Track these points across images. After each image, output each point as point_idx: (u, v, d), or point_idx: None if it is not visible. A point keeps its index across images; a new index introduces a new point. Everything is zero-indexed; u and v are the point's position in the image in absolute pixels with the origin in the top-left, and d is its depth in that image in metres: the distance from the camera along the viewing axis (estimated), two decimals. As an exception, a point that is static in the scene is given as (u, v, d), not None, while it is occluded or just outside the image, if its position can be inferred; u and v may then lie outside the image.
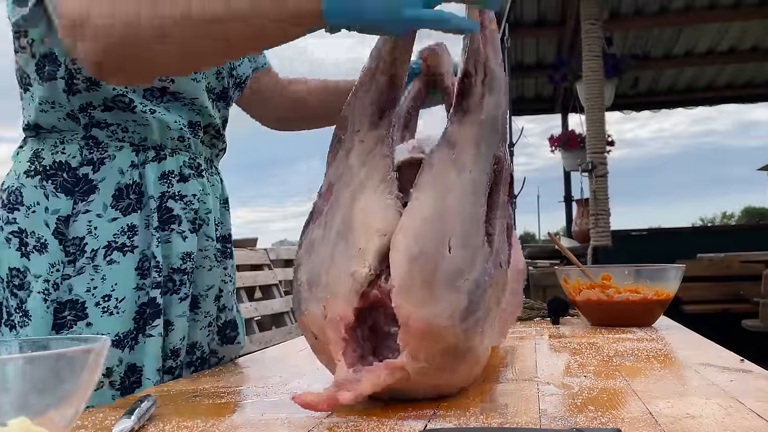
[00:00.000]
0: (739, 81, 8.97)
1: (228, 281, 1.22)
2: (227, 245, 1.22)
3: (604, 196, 5.76)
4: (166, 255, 1.09)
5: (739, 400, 0.72)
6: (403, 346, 0.72)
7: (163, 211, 1.09)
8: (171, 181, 1.11)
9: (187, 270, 1.11)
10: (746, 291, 6.02)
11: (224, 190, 1.25)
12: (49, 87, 1.05)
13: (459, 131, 0.77)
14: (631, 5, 6.92)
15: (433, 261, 0.71)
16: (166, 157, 1.11)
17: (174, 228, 1.10)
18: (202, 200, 1.15)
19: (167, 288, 1.09)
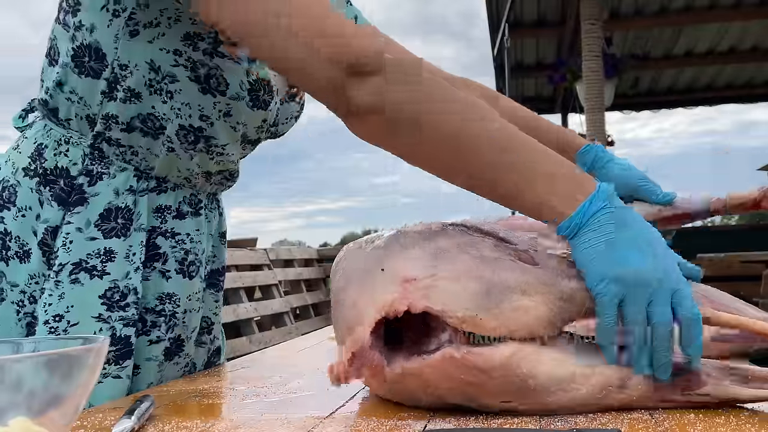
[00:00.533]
0: (739, 81, 8.99)
1: (219, 312, 1.18)
2: (219, 278, 1.16)
3: (604, 196, 5.75)
4: (143, 294, 1.00)
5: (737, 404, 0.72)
6: None
7: (150, 247, 1.01)
8: (165, 216, 1.03)
9: (165, 312, 1.02)
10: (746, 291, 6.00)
11: (222, 224, 1.16)
12: (83, 80, 0.96)
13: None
14: (631, 5, 6.93)
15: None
16: (166, 190, 1.03)
17: (156, 266, 1.01)
18: (197, 240, 1.06)
19: (135, 328, 0.99)
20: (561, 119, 8.85)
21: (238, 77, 0.97)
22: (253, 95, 0.99)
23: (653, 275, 0.68)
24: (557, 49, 7.76)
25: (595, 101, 5.84)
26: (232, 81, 0.97)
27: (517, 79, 8.37)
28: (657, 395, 0.69)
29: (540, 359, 0.68)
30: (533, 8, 7.04)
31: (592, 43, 5.82)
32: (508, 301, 0.68)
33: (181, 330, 1.05)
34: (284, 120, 1.14)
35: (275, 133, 1.16)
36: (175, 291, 1.03)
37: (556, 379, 0.68)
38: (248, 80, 0.98)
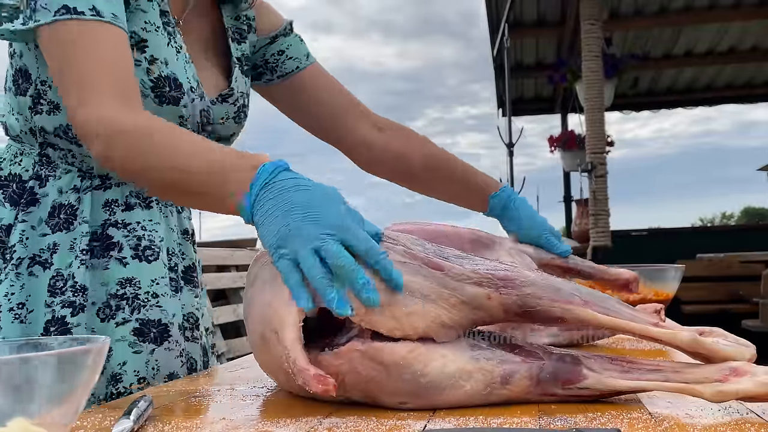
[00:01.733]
0: (738, 81, 8.99)
1: (203, 309, 1.24)
2: (193, 275, 1.23)
3: (603, 196, 5.77)
4: (104, 282, 1.09)
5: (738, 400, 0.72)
6: None
7: (103, 238, 1.10)
8: (114, 209, 1.12)
9: (127, 295, 1.10)
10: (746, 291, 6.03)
11: (183, 221, 1.24)
12: (20, 99, 1.09)
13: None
14: (630, 5, 6.93)
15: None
16: (111, 186, 1.12)
17: (113, 255, 1.10)
18: (150, 228, 1.14)
19: (105, 314, 1.09)
20: (561, 119, 8.85)
21: (139, 77, 1.03)
22: (157, 92, 1.06)
23: (311, 232, 0.74)
24: (557, 49, 7.76)
25: (594, 101, 5.84)
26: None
27: (516, 80, 8.37)
28: (539, 390, 0.73)
29: (431, 356, 0.72)
30: (533, 8, 7.04)
31: (591, 43, 5.82)
32: (407, 305, 0.73)
33: (158, 314, 1.12)
34: (219, 121, 1.18)
35: (217, 137, 1.20)
36: (134, 275, 1.11)
37: (445, 375, 0.72)
38: (149, 78, 1.05)
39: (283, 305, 0.74)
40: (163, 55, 1.07)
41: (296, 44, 1.32)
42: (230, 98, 1.20)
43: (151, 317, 1.11)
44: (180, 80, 1.08)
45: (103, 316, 1.09)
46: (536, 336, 1.08)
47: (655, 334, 0.72)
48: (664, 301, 1.46)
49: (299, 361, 0.71)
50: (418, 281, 0.74)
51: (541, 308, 0.74)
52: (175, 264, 1.19)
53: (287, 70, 1.31)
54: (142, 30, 1.06)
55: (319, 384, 0.69)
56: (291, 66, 1.31)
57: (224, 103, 1.19)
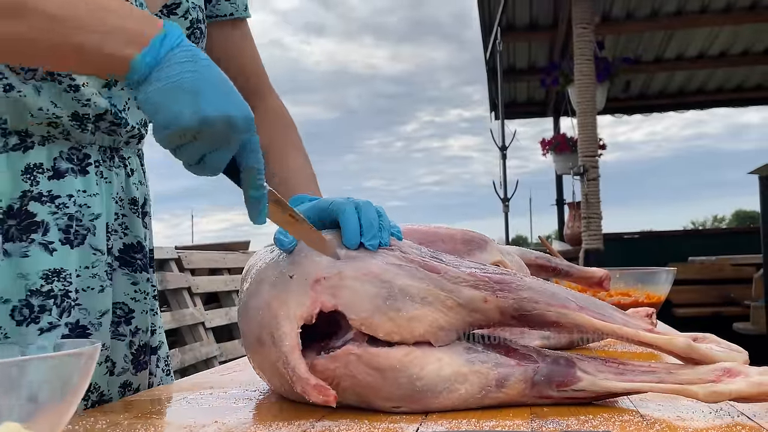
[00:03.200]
0: (730, 84, 9.03)
1: (141, 299, 1.01)
2: (135, 255, 1.01)
3: (595, 199, 5.78)
4: (23, 273, 0.86)
5: (729, 402, 0.73)
6: None
7: (22, 215, 0.87)
8: (37, 177, 0.88)
9: (54, 292, 0.88)
10: (737, 294, 6.05)
11: (131, 188, 1.01)
12: None
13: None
14: (622, 9, 6.95)
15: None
16: (33, 145, 0.89)
17: (35, 238, 0.87)
18: (84, 203, 0.92)
19: (23, 316, 0.86)
20: (553, 123, 8.87)
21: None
22: None
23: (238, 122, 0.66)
24: (549, 53, 7.78)
25: (586, 105, 5.86)
26: None
27: (509, 83, 8.38)
28: (534, 392, 0.73)
29: (427, 360, 0.72)
30: (525, 12, 7.05)
31: (584, 46, 5.84)
32: (406, 309, 0.73)
33: (77, 314, 0.91)
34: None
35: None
36: (63, 266, 0.89)
37: (441, 379, 0.72)
38: None
39: (282, 310, 0.74)
40: None
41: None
42: (178, 9, 0.99)
43: (71, 320, 0.91)
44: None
45: (20, 318, 0.86)
46: (527, 338, 1.09)
47: (650, 339, 0.73)
48: (655, 304, 1.46)
49: (299, 370, 0.71)
50: (414, 284, 0.74)
51: (537, 312, 0.74)
52: (118, 247, 0.98)
53: (220, 12, 1.11)
54: None
55: (320, 394, 0.69)
56: (226, 10, 1.11)
57: (171, 16, 0.98)
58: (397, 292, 0.73)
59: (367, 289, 0.73)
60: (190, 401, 0.86)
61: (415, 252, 0.79)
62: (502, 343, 0.78)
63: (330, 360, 0.73)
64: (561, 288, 0.77)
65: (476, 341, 0.77)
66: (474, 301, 0.75)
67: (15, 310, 0.86)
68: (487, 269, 0.78)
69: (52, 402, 0.53)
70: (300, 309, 0.74)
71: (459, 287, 0.75)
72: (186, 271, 3.78)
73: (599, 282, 1.24)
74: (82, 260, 0.92)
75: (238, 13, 1.12)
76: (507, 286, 0.75)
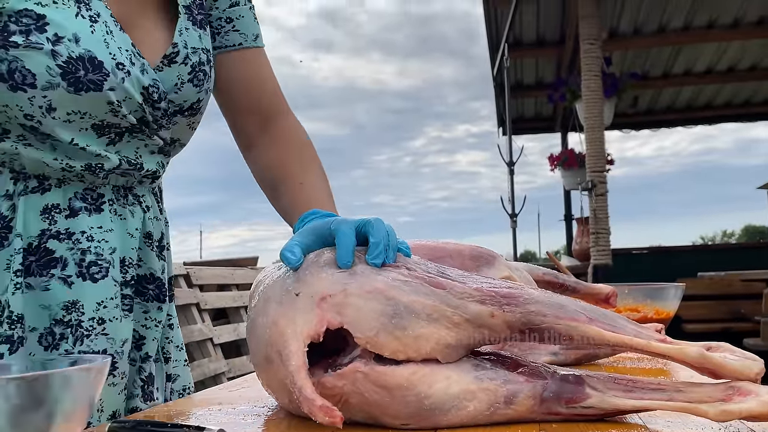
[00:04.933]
0: (738, 99, 9.03)
1: (153, 326, 1.06)
2: (148, 286, 1.05)
3: (604, 214, 5.77)
4: (46, 305, 0.92)
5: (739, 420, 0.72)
6: None
7: (42, 252, 0.92)
8: (54, 216, 0.93)
9: (72, 323, 0.93)
10: (747, 310, 6.01)
11: (147, 223, 1.05)
12: None
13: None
14: (629, 25, 6.98)
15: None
16: (50, 188, 0.94)
17: (54, 273, 0.93)
18: (100, 239, 0.96)
19: (48, 342, 0.92)
20: (561, 138, 8.87)
21: (42, 63, 0.86)
22: (69, 79, 0.87)
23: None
24: (557, 69, 7.80)
25: (594, 120, 5.86)
26: (36, 70, 0.86)
27: (516, 99, 8.41)
28: (542, 409, 0.72)
29: (435, 378, 0.72)
30: (532, 28, 7.08)
31: (591, 62, 5.85)
32: (412, 327, 0.72)
33: (104, 343, 0.96)
34: (174, 89, 1.00)
35: (176, 109, 1.01)
36: (77, 298, 0.93)
37: (449, 396, 0.71)
38: (57, 63, 0.87)
39: (289, 328, 0.74)
40: (72, 31, 0.88)
41: (249, 18, 1.15)
42: (177, 57, 1.00)
43: (97, 348, 0.95)
44: (99, 58, 0.89)
45: (47, 344, 0.92)
46: (536, 355, 1.08)
47: (663, 349, 0.72)
48: (664, 320, 1.46)
49: (305, 390, 0.70)
50: (420, 301, 0.74)
51: (546, 326, 0.74)
52: (131, 277, 1.02)
53: (228, 42, 1.13)
54: (36, 4, 0.87)
55: (326, 416, 0.69)
56: (234, 40, 1.13)
57: (172, 65, 0.99)
58: (403, 310, 0.73)
59: (373, 306, 0.73)
60: (199, 417, 0.86)
61: (421, 268, 0.79)
62: (510, 360, 0.78)
63: (337, 377, 0.73)
64: (570, 300, 0.77)
65: (484, 358, 0.77)
66: (481, 317, 0.74)
67: (42, 337, 0.92)
68: (493, 283, 0.77)
69: (62, 417, 0.54)
70: (307, 327, 0.73)
71: (465, 303, 0.75)
72: (195, 287, 3.79)
73: (606, 299, 1.23)
74: (104, 292, 0.96)
75: (248, 43, 1.14)
76: (514, 300, 0.75)
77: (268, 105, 1.17)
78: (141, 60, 0.95)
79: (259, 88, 1.16)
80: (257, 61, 1.16)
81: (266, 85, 1.17)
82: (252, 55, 1.15)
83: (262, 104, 1.16)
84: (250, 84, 1.16)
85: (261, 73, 1.17)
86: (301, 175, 1.10)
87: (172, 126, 1.03)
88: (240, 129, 1.18)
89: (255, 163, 1.16)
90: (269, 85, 1.18)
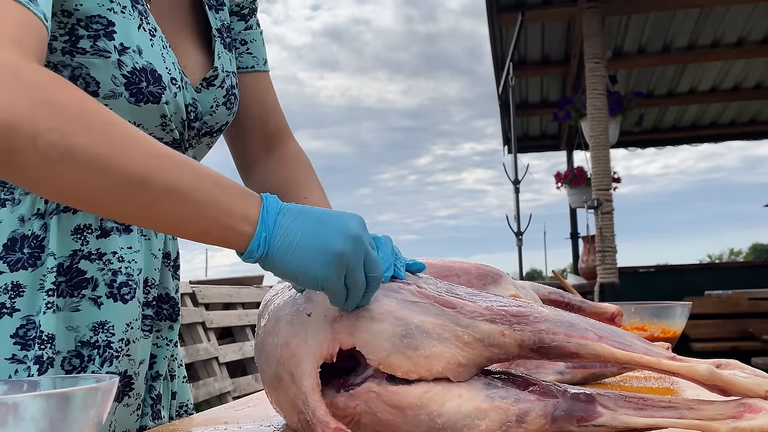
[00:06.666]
0: (743, 118, 9.03)
1: (164, 345, 1.07)
2: (163, 306, 1.06)
3: (610, 232, 5.76)
4: (74, 326, 0.91)
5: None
6: None
7: (73, 273, 0.91)
8: (86, 236, 0.93)
9: (99, 343, 0.92)
10: (755, 328, 5.98)
11: (168, 244, 1.06)
12: None
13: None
14: (634, 44, 7.00)
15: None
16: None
17: (85, 294, 0.92)
18: (130, 259, 0.96)
19: (71, 366, 0.91)
20: (566, 156, 8.88)
21: (108, 72, 0.86)
22: (132, 89, 0.88)
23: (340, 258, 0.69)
24: (562, 87, 7.82)
25: (599, 138, 5.87)
26: (102, 78, 0.86)
27: (522, 117, 8.43)
28: (554, 427, 0.72)
29: (447, 396, 0.72)
30: (537, 47, 7.11)
31: (596, 81, 5.86)
32: (423, 347, 0.72)
33: (126, 364, 0.96)
34: (209, 111, 1.02)
35: (208, 130, 1.04)
36: (107, 318, 0.93)
37: (461, 415, 0.71)
38: (122, 73, 0.87)
39: (301, 349, 0.74)
40: (136, 42, 0.88)
41: (260, 42, 1.18)
42: (216, 80, 1.03)
43: (120, 369, 0.95)
44: (159, 71, 0.91)
45: (69, 368, 0.91)
46: (541, 374, 1.08)
47: (673, 367, 0.71)
48: (671, 339, 1.45)
49: (319, 412, 0.70)
50: (430, 320, 0.74)
51: (556, 344, 0.74)
52: (152, 297, 1.02)
53: (242, 64, 1.16)
54: (109, 11, 0.86)
55: None
56: (248, 62, 1.17)
57: (210, 87, 1.02)
58: (414, 330, 0.73)
59: (384, 327, 0.73)
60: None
61: (431, 287, 0.79)
62: (521, 378, 0.77)
63: (350, 398, 0.73)
64: (579, 318, 0.76)
65: (496, 377, 0.77)
66: (491, 336, 0.74)
67: (65, 361, 0.91)
68: (503, 302, 0.77)
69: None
70: (320, 348, 0.73)
71: (475, 322, 0.75)
72: (200, 306, 3.79)
73: (611, 318, 1.23)
74: (129, 313, 0.95)
75: (259, 67, 1.18)
76: (524, 318, 0.75)
77: (275, 127, 1.21)
78: (185, 79, 0.98)
79: (267, 111, 1.20)
80: (266, 85, 1.20)
81: (274, 107, 1.22)
82: (262, 79, 1.19)
83: (269, 126, 1.20)
84: (259, 106, 1.19)
85: (269, 96, 1.21)
86: (306, 192, 1.14)
87: (197, 146, 1.05)
88: (244, 149, 1.20)
89: (259, 182, 1.18)
90: (276, 108, 1.22)
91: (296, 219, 0.71)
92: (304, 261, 0.69)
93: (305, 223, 0.70)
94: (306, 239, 0.69)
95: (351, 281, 0.71)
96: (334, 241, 0.69)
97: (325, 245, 0.69)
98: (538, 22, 6.54)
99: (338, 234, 0.70)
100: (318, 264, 0.69)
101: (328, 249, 0.69)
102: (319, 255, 0.69)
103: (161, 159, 0.67)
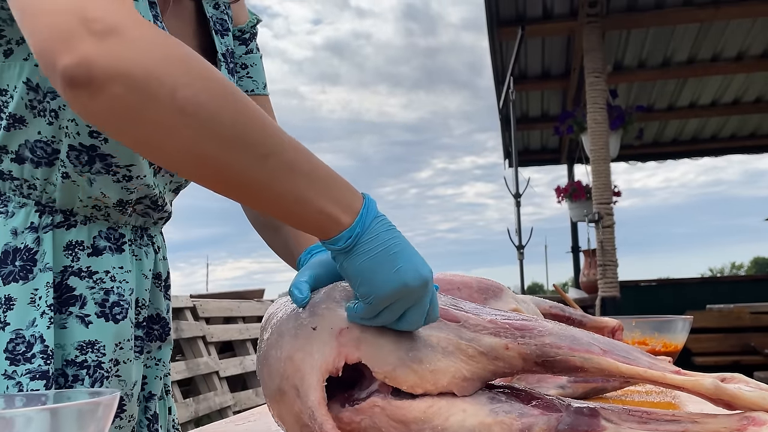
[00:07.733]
0: (743, 132, 9.04)
1: (153, 365, 1.07)
2: (153, 326, 1.06)
3: (611, 246, 5.75)
4: (60, 344, 0.90)
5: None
6: None
7: (63, 289, 0.91)
8: (77, 253, 0.93)
9: (88, 363, 0.91)
10: (757, 342, 5.96)
11: (158, 264, 1.06)
12: None
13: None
14: (634, 58, 7.03)
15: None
16: (76, 224, 0.93)
17: (73, 311, 0.91)
18: (122, 279, 0.96)
19: (58, 385, 0.90)
20: (567, 170, 8.89)
21: None
22: None
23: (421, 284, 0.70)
24: (562, 101, 7.84)
25: (600, 152, 5.87)
26: None
27: (522, 131, 8.44)
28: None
29: (451, 411, 0.72)
30: (538, 61, 7.14)
31: (596, 95, 5.88)
32: (428, 361, 0.73)
33: (116, 385, 0.96)
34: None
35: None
36: (98, 338, 0.92)
37: (465, 430, 0.71)
38: None
39: (306, 362, 0.74)
40: None
41: (260, 66, 1.18)
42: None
43: (123, 388, 0.96)
44: None
45: (56, 387, 0.90)
46: (543, 388, 1.08)
47: (678, 381, 0.71)
48: (672, 353, 1.45)
49: (325, 427, 0.70)
50: (434, 334, 0.74)
51: (560, 357, 0.74)
52: (143, 318, 1.03)
53: (242, 88, 1.16)
54: None
55: None
56: (248, 86, 1.16)
57: None
58: (419, 343, 0.73)
59: (389, 340, 0.73)
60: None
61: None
62: (524, 393, 0.77)
63: (355, 413, 0.73)
64: (583, 332, 0.76)
65: (500, 391, 0.77)
66: (495, 349, 0.74)
67: (48, 376, 0.88)
68: (507, 316, 0.77)
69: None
70: (325, 361, 0.73)
71: (479, 335, 0.74)
72: (201, 320, 3.78)
73: (612, 332, 1.23)
74: (120, 333, 0.95)
75: (259, 90, 1.18)
76: (528, 332, 0.75)
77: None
78: None
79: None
80: (266, 108, 1.19)
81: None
82: (262, 102, 1.18)
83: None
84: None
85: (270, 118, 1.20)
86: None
87: None
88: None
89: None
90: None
91: (388, 231, 0.71)
92: (376, 271, 0.69)
93: (394, 240, 0.71)
94: (388, 253, 0.70)
95: (412, 314, 0.71)
96: (411, 268, 0.70)
97: (402, 267, 0.69)
98: (538, 36, 6.57)
99: (419, 265, 0.70)
100: (384, 280, 0.69)
101: (401, 271, 0.69)
102: (391, 273, 0.69)
103: (283, 136, 0.67)
